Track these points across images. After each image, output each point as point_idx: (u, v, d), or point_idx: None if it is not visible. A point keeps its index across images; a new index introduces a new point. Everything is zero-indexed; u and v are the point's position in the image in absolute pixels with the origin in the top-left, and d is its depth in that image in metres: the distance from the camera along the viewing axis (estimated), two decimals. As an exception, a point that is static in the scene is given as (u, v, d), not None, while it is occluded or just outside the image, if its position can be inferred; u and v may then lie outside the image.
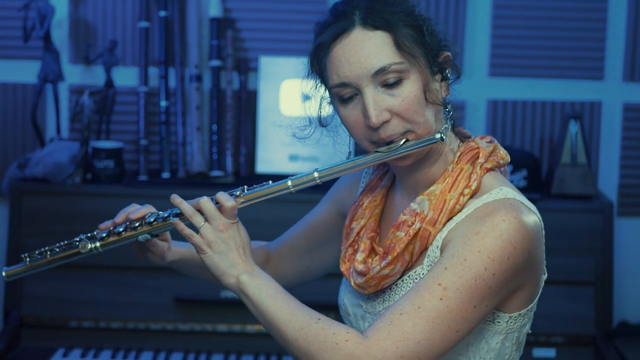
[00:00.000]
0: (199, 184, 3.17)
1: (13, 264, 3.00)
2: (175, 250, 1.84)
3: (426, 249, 1.62)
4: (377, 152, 1.60)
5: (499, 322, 1.61)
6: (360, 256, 1.69)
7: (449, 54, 1.65)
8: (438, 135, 1.59)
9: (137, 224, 1.72)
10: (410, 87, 1.57)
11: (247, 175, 3.28)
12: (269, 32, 3.35)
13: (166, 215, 1.70)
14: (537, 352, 3.02)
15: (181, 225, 1.66)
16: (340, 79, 1.58)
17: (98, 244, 1.76)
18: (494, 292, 1.52)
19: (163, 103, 3.28)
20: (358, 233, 1.73)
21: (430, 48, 1.60)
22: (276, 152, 3.21)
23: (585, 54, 3.38)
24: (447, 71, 1.64)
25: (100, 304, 2.99)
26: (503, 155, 1.70)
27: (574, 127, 3.21)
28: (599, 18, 3.36)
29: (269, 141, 3.22)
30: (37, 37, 3.20)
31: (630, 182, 3.42)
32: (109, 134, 3.31)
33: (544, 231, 1.65)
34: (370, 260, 1.68)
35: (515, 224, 1.54)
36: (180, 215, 1.69)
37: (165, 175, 3.24)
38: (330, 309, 2.16)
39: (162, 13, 3.29)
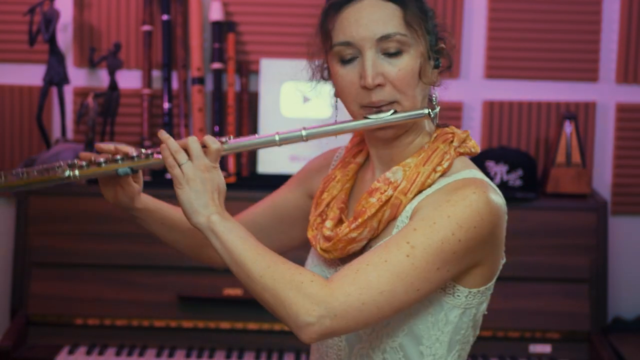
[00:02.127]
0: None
1: (20, 265, 3.02)
2: (143, 198, 1.82)
3: (395, 219, 1.65)
4: (366, 118, 1.64)
5: (458, 296, 1.64)
6: (329, 223, 1.72)
7: (444, 46, 1.70)
8: (426, 111, 1.65)
9: (118, 158, 1.70)
10: (408, 61, 1.62)
11: (248, 175, 3.28)
12: (270, 35, 3.35)
13: (150, 152, 1.70)
14: (533, 347, 3.02)
15: (166, 152, 1.65)
16: (346, 38, 1.62)
17: (77, 172, 1.71)
18: (457, 258, 1.56)
19: (166, 105, 3.27)
20: (328, 204, 1.76)
21: (431, 33, 1.66)
22: (277, 153, 3.20)
23: (579, 56, 3.38)
24: (439, 60, 1.70)
25: (105, 302, 2.99)
26: (474, 145, 1.73)
27: (568, 128, 3.21)
28: (593, 21, 3.36)
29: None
30: (43, 41, 3.20)
31: (623, 181, 3.41)
32: (113, 136, 3.30)
33: (507, 216, 1.67)
34: (338, 227, 1.70)
35: (485, 197, 1.58)
36: (161, 146, 1.68)
37: (169, 175, 3.22)
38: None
39: (165, 17, 3.29)
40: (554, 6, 3.36)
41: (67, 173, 1.70)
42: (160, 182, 3.13)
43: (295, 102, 3.21)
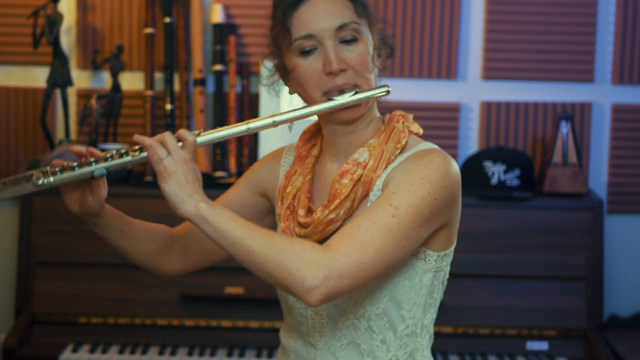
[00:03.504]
0: (204, 184, 3.15)
1: (24, 264, 3.02)
2: (107, 206, 1.82)
3: (367, 196, 1.75)
4: (331, 99, 1.73)
5: (429, 260, 1.74)
6: (302, 211, 1.78)
7: (384, 35, 1.82)
8: (386, 88, 1.74)
9: (92, 160, 1.71)
10: (364, 46, 1.73)
11: (249, 175, 3.27)
12: (270, 38, 3.34)
13: (124, 151, 1.71)
14: (530, 345, 3.01)
15: (152, 150, 1.67)
16: (307, 31, 1.72)
17: (51, 178, 1.69)
18: (434, 216, 1.68)
19: (168, 106, 3.27)
20: (294, 195, 1.83)
21: (374, 24, 1.79)
22: (277, 154, 3.20)
23: (575, 57, 3.38)
24: (382, 50, 1.81)
25: (108, 301, 2.98)
26: (418, 127, 1.83)
27: (565, 128, 3.21)
28: (589, 23, 3.36)
29: (271, 142, 3.21)
30: (47, 44, 3.20)
31: (619, 181, 3.41)
32: (115, 137, 3.30)
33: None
34: (314, 213, 1.77)
35: (448, 161, 1.70)
36: (139, 150, 1.69)
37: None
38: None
39: (167, 19, 3.29)
40: (550, 8, 3.35)
41: (40, 181, 1.69)
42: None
43: (295, 103, 3.20)
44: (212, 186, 3.10)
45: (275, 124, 1.76)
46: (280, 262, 1.60)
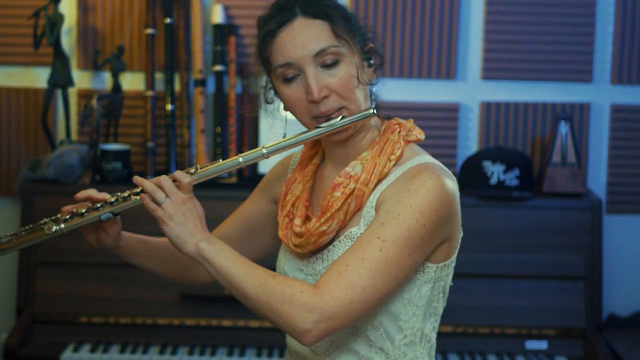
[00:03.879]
0: (204, 184, 3.15)
1: (25, 264, 3.02)
2: (124, 236, 1.90)
3: (360, 209, 1.76)
4: (317, 127, 1.74)
5: (428, 272, 1.75)
6: (298, 221, 1.81)
7: (373, 45, 1.80)
8: (371, 110, 1.75)
9: (99, 205, 1.78)
10: (346, 68, 1.72)
11: (250, 175, 3.27)
12: (270, 38, 3.34)
13: (127, 194, 1.77)
14: (530, 344, 3.02)
15: (146, 200, 1.73)
16: (285, 59, 1.73)
17: (62, 225, 1.79)
18: (425, 241, 1.68)
19: (169, 107, 3.27)
20: (293, 204, 1.85)
21: (359, 38, 1.77)
22: (278, 154, 3.19)
23: (574, 58, 3.38)
24: (371, 60, 1.79)
25: (109, 300, 2.99)
26: (419, 131, 1.83)
27: (564, 128, 3.21)
28: (588, 23, 3.36)
29: (270, 142, 3.20)
30: (48, 44, 3.20)
31: (618, 180, 3.41)
32: (116, 137, 3.30)
33: (459, 192, 1.77)
34: (307, 223, 1.79)
35: (440, 181, 1.69)
36: (140, 194, 1.75)
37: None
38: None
39: (168, 20, 3.29)
40: (549, 9, 3.35)
41: (54, 228, 1.78)
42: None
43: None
44: (213, 186, 3.10)
45: (266, 156, 1.78)
46: (272, 308, 1.64)
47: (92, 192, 1.80)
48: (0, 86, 3.35)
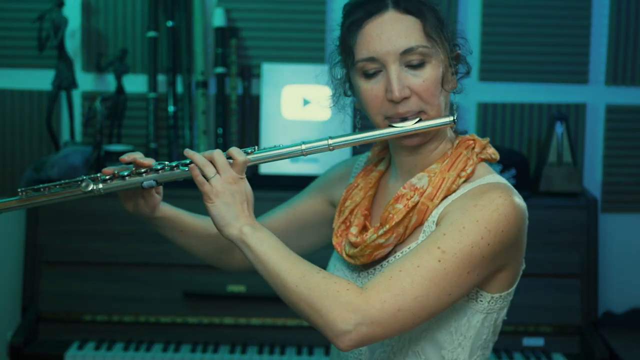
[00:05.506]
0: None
1: (31, 263, 3.02)
2: (164, 207, 1.77)
3: (421, 224, 1.63)
4: (391, 126, 1.61)
5: (481, 301, 1.62)
6: (354, 230, 1.69)
7: (460, 52, 1.69)
8: (451, 118, 1.62)
9: (142, 170, 1.64)
10: (431, 71, 1.60)
11: (250, 175, 3.25)
12: (271, 41, 3.35)
13: (174, 164, 1.64)
14: (527, 341, 3.01)
15: (196, 171, 1.60)
16: (370, 54, 1.60)
17: (101, 185, 1.64)
18: (486, 261, 1.54)
19: (171, 108, 3.27)
20: (352, 211, 1.74)
21: (448, 41, 1.65)
22: (278, 154, 3.20)
23: (570, 59, 3.38)
24: (457, 67, 1.68)
25: (113, 299, 2.99)
26: (493, 152, 1.72)
27: (560, 128, 3.21)
28: (583, 25, 3.36)
29: (272, 143, 3.21)
30: (52, 47, 3.20)
31: (613, 180, 3.41)
32: (120, 138, 3.30)
33: (527, 222, 1.66)
34: (364, 233, 1.67)
35: (510, 201, 1.57)
36: (189, 164, 1.62)
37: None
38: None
39: (170, 23, 3.29)
40: (545, 11, 3.36)
41: (90, 187, 1.64)
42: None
43: (295, 104, 3.21)
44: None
45: (330, 148, 1.63)
46: (312, 302, 1.50)
47: (138, 156, 1.66)
48: (6, 88, 3.36)
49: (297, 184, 2.21)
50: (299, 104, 3.21)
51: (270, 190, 2.89)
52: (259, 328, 2.99)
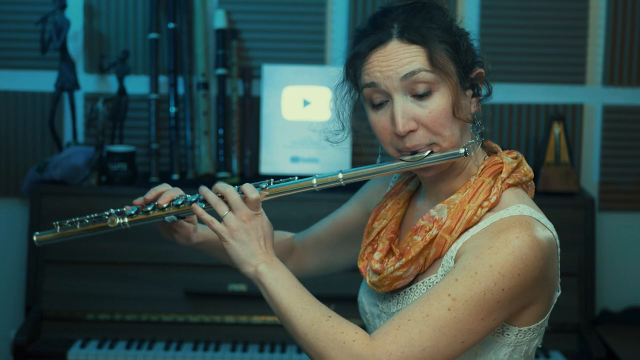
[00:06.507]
0: (207, 185, 3.16)
1: (34, 262, 3.03)
2: (200, 233, 1.78)
3: (440, 257, 1.57)
4: (401, 160, 1.55)
5: (508, 334, 1.54)
6: (377, 255, 1.64)
7: (482, 70, 1.62)
8: (462, 151, 1.54)
9: (165, 205, 1.67)
10: (439, 100, 1.52)
11: (251, 176, 3.28)
12: (271, 42, 3.36)
13: (193, 199, 1.65)
14: (525, 339, 3.02)
15: (199, 210, 1.61)
16: (371, 79, 1.53)
17: (126, 219, 1.70)
18: (502, 306, 1.47)
19: (172, 109, 3.28)
20: (378, 233, 1.68)
21: (464, 64, 1.57)
22: (279, 155, 3.21)
23: (567, 60, 3.38)
24: (478, 88, 1.60)
25: (116, 298, 2.99)
26: (526, 171, 1.62)
27: (557, 129, 3.22)
28: (580, 26, 3.37)
29: (272, 144, 3.22)
30: (54, 49, 3.21)
31: (610, 179, 3.42)
32: (122, 139, 3.31)
33: (559, 249, 1.59)
34: (387, 260, 1.62)
35: (529, 241, 1.48)
36: (205, 201, 1.64)
37: (175, 176, 3.24)
38: (351, 300, 2.06)
39: (171, 25, 3.29)
40: (543, 13, 3.36)
41: (117, 222, 1.70)
42: (168, 183, 3.13)
43: (296, 105, 3.21)
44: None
45: (342, 182, 1.60)
46: (319, 352, 1.48)
47: (162, 190, 1.69)
48: (9, 90, 3.36)
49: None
50: (299, 105, 3.21)
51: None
52: (260, 326, 3.00)
